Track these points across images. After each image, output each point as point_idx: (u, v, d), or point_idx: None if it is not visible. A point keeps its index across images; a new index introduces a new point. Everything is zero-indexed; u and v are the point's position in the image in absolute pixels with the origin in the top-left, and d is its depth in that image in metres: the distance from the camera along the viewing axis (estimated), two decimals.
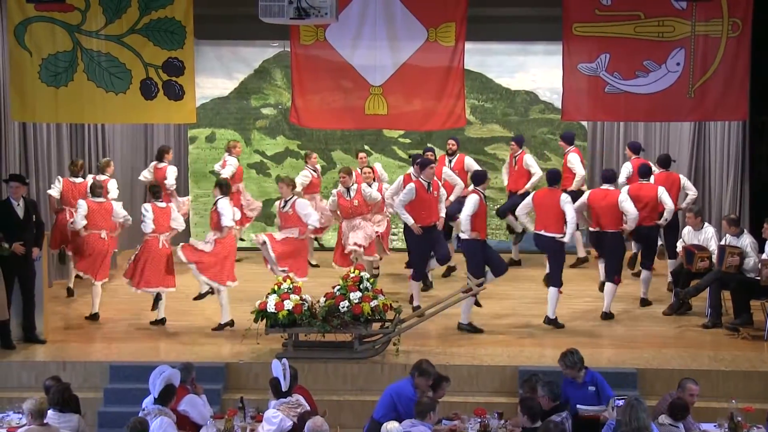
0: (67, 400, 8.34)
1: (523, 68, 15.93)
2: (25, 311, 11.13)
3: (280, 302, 10.41)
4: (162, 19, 11.21)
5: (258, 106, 16.28)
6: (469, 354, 10.77)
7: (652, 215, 12.48)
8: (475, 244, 11.51)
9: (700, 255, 11.88)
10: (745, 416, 8.54)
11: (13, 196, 11.05)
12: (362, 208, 13.01)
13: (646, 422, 7.50)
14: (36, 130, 13.43)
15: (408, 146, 15.99)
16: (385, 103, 11.80)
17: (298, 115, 12.05)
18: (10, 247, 10.82)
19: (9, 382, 10.44)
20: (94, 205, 12.20)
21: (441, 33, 11.59)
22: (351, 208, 12.96)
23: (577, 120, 14.58)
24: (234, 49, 16.14)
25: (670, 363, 10.46)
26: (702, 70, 11.33)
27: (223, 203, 11.60)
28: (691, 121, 14.03)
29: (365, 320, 10.47)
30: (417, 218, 12.07)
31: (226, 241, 11.65)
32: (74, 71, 11.29)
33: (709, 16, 11.24)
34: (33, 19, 11.22)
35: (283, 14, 9.86)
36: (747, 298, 11.51)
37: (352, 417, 9.87)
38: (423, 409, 7.97)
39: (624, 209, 11.86)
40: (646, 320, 12.09)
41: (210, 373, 10.20)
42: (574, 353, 8.93)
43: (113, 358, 10.69)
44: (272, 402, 8.35)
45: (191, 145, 16.30)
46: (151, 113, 11.56)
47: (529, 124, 16.05)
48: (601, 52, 11.40)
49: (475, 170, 12.76)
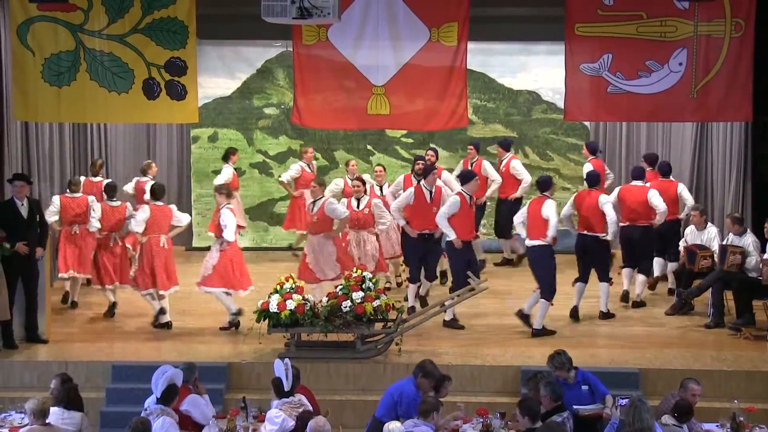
0: (71, 399, 8.35)
1: (525, 68, 15.94)
2: (28, 311, 11.13)
3: (283, 302, 10.40)
4: (164, 19, 11.22)
5: (260, 106, 16.29)
6: (471, 354, 10.76)
7: (638, 218, 12.43)
8: (463, 252, 11.52)
9: (702, 254, 11.89)
10: (748, 416, 8.54)
11: (18, 195, 11.05)
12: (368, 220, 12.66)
13: (649, 423, 7.50)
14: (38, 129, 13.46)
15: (411, 146, 16.00)
16: (388, 103, 11.80)
17: (300, 115, 12.05)
18: (12, 247, 10.83)
19: (11, 382, 10.44)
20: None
21: (443, 33, 11.59)
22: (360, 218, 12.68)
23: (579, 120, 14.59)
24: (236, 49, 16.15)
25: (672, 363, 10.46)
26: (704, 70, 11.33)
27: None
28: (694, 122, 14.03)
29: (367, 320, 10.46)
30: (412, 224, 12.00)
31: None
32: (77, 71, 11.30)
33: (712, 17, 11.23)
34: (36, 18, 11.23)
35: (285, 14, 9.86)
36: (749, 298, 11.50)
37: (355, 417, 9.86)
38: (426, 409, 7.95)
39: (605, 212, 11.81)
40: (648, 320, 12.08)
41: (212, 373, 10.20)
42: (561, 354, 8.92)
43: (115, 357, 10.69)
44: (274, 402, 8.35)
45: (194, 144, 16.31)
46: (154, 113, 11.56)
47: (532, 124, 16.05)
48: (603, 52, 11.39)
49: (462, 170, 12.77)
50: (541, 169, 15.96)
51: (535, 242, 11.47)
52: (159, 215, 11.74)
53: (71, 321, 12.13)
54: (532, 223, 11.54)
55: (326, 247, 11.96)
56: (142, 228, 11.60)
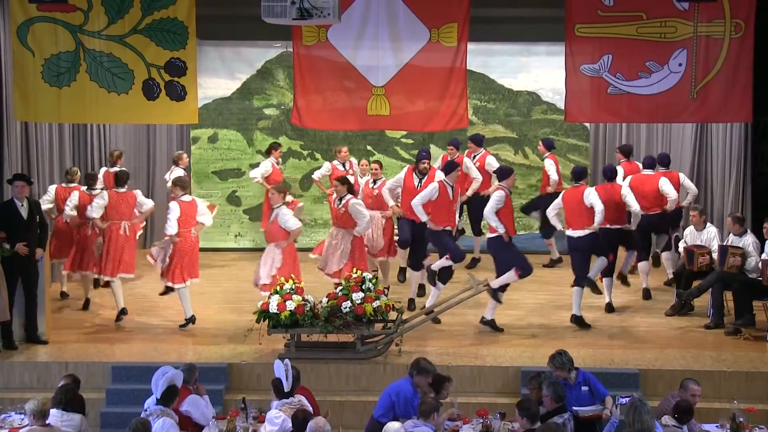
0: (70, 400, 8.33)
1: (525, 69, 15.96)
2: (28, 312, 11.13)
3: (283, 303, 10.41)
4: (164, 20, 11.21)
5: (260, 107, 16.29)
6: (471, 354, 10.76)
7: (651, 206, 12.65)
8: (439, 233, 11.73)
9: (700, 252, 11.93)
10: (747, 417, 8.54)
11: (18, 195, 11.05)
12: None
13: (649, 424, 7.50)
14: (38, 130, 13.46)
15: (410, 147, 16.00)
16: (388, 103, 11.79)
17: (300, 115, 12.04)
18: (12, 247, 10.83)
19: (11, 383, 10.45)
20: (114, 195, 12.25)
21: (443, 33, 11.58)
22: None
23: (580, 121, 14.60)
24: (236, 50, 16.15)
25: (672, 363, 10.46)
26: (704, 71, 11.32)
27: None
28: (694, 122, 14.03)
29: (367, 321, 10.47)
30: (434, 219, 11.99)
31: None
32: (77, 71, 11.29)
33: (712, 17, 11.22)
34: (35, 19, 11.22)
35: (285, 15, 9.86)
36: (749, 299, 11.49)
37: (355, 417, 9.86)
38: (427, 410, 7.94)
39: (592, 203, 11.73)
40: (648, 321, 12.09)
41: (212, 374, 10.20)
42: (563, 354, 8.93)
43: (115, 358, 10.69)
44: (274, 402, 8.34)
45: (194, 145, 16.31)
46: (153, 114, 11.55)
47: (532, 124, 16.06)
48: (603, 53, 11.38)
49: (446, 162, 12.78)
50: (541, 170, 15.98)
51: (579, 232, 11.59)
52: (119, 201, 11.91)
53: (71, 322, 12.12)
54: (573, 212, 11.65)
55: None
56: (98, 214, 11.87)
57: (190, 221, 11.77)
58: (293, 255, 11.57)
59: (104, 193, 11.97)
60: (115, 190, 12.07)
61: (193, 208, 11.90)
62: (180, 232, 11.61)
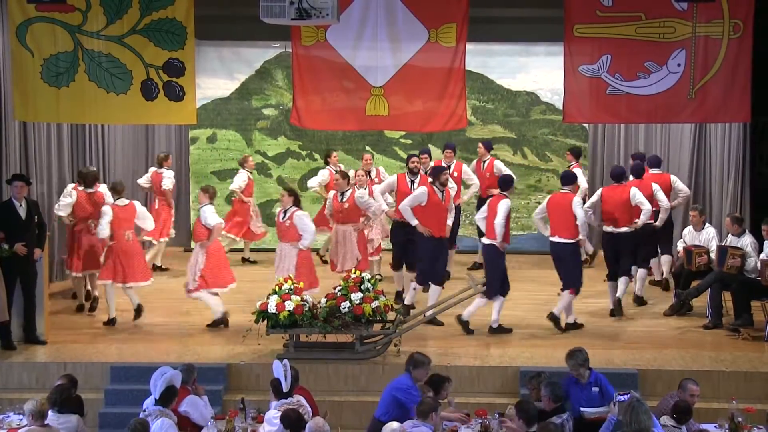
0: (65, 401, 8.32)
1: (524, 69, 15.97)
2: (26, 312, 11.13)
3: (281, 303, 10.41)
4: (163, 20, 11.21)
5: (259, 107, 16.30)
6: (470, 354, 10.77)
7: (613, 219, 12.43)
8: (429, 241, 11.67)
9: (698, 251, 11.94)
10: (746, 417, 8.54)
11: (16, 196, 11.05)
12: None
13: (647, 424, 7.49)
14: (36, 130, 13.45)
15: (409, 147, 15.99)
16: (386, 104, 11.79)
17: (299, 115, 12.03)
18: (11, 248, 10.82)
19: (10, 383, 10.45)
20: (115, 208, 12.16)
21: (442, 34, 11.58)
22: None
23: (579, 122, 14.60)
24: (235, 50, 16.17)
25: (671, 364, 10.46)
26: (703, 71, 11.32)
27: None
28: (693, 123, 14.03)
29: (366, 321, 10.48)
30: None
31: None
32: (75, 72, 11.29)
33: (710, 17, 11.22)
34: (34, 19, 11.23)
35: (284, 15, 9.85)
36: (748, 299, 11.51)
37: (354, 417, 9.87)
38: (425, 410, 7.94)
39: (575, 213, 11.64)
40: (647, 321, 12.10)
41: (211, 374, 10.21)
42: (582, 351, 8.93)
43: (114, 359, 10.69)
44: (273, 403, 8.34)
45: (192, 146, 16.32)
46: (152, 114, 11.55)
47: (530, 125, 16.07)
48: (602, 54, 11.38)
49: (433, 166, 12.80)
50: (540, 170, 16.01)
51: (563, 239, 11.55)
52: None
53: (70, 322, 12.12)
54: (558, 219, 11.58)
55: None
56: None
57: (123, 224, 11.83)
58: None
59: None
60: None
61: (128, 212, 11.96)
62: (114, 235, 11.76)
